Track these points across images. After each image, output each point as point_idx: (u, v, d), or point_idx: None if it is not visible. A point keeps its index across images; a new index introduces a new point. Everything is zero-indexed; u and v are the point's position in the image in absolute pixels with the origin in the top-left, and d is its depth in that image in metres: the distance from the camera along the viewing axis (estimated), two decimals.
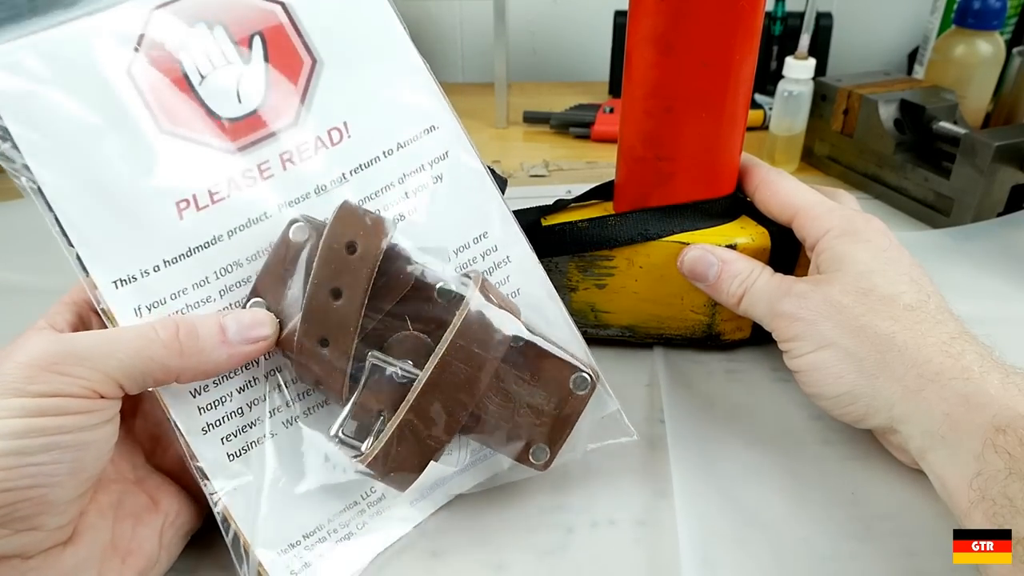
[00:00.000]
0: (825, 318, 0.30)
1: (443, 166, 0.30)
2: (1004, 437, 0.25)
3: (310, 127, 0.28)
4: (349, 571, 0.28)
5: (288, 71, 0.28)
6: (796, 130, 0.61)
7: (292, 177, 0.28)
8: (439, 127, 0.30)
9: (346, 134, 0.29)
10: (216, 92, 0.27)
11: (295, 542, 0.27)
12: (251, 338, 0.25)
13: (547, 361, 0.28)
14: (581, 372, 0.29)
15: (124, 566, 0.25)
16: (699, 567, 0.28)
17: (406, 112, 0.30)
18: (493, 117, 0.75)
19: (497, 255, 0.31)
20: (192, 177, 0.26)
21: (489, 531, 0.30)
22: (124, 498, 0.26)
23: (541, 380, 0.28)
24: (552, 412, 0.29)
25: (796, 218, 0.35)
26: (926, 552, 0.29)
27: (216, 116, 0.27)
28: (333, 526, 0.28)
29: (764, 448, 0.34)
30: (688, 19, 0.32)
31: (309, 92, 0.28)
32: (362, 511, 0.29)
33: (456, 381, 0.26)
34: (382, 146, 0.29)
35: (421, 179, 0.30)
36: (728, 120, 0.35)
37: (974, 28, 0.59)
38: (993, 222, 0.51)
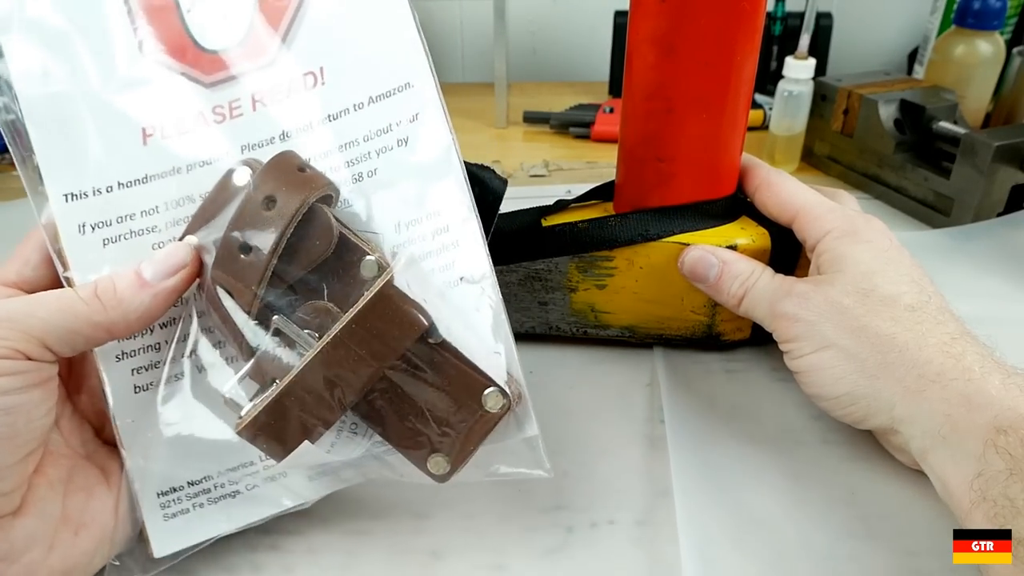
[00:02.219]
0: (826, 319, 0.31)
1: (410, 128, 0.28)
2: (1005, 438, 0.25)
3: (285, 69, 0.27)
4: (221, 529, 0.28)
5: (275, 8, 0.27)
6: (796, 130, 0.61)
7: (260, 119, 0.27)
8: (414, 85, 0.28)
9: (320, 80, 0.27)
10: (202, 22, 0.27)
11: (178, 487, 0.27)
12: (169, 270, 0.25)
13: (460, 370, 0.26)
14: (497, 388, 0.26)
15: (77, 538, 0.25)
16: (699, 567, 0.28)
17: (384, 64, 0.28)
18: (493, 117, 0.75)
19: (447, 236, 0.28)
20: (162, 105, 0.26)
21: (489, 531, 0.30)
22: (75, 472, 0.26)
23: (451, 388, 0.26)
24: (459, 425, 0.26)
25: (796, 219, 0.35)
26: (926, 552, 0.29)
27: (198, 46, 0.27)
28: (221, 480, 0.28)
29: (764, 448, 0.34)
30: (689, 20, 0.32)
31: (291, 32, 0.27)
32: (255, 472, 0.28)
33: (346, 365, 0.25)
34: (354, 98, 0.28)
35: (386, 140, 0.28)
36: (729, 121, 0.35)
37: (974, 28, 0.59)
38: (993, 222, 0.51)
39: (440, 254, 0.28)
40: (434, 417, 0.26)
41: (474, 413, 0.26)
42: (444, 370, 0.26)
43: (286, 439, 0.25)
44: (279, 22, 0.27)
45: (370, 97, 0.28)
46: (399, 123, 0.28)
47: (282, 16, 0.27)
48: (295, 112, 0.27)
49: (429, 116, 0.28)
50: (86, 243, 0.26)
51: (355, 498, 0.31)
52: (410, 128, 0.28)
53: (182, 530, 0.27)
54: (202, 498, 0.28)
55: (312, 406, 0.25)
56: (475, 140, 0.72)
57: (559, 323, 0.40)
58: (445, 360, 0.26)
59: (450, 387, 0.26)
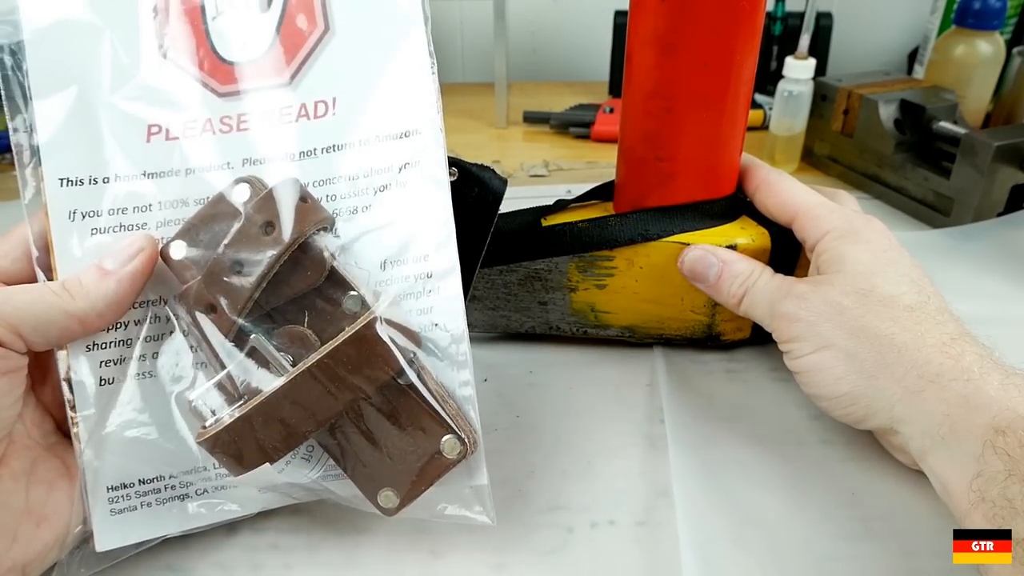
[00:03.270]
0: (825, 319, 0.31)
1: (409, 173, 0.28)
2: (1004, 438, 0.25)
3: (300, 93, 0.28)
4: (165, 530, 0.28)
5: (299, 31, 0.28)
6: (796, 130, 0.61)
7: (266, 136, 0.27)
8: (420, 132, 0.28)
9: (331, 110, 0.28)
10: (225, 32, 0.27)
11: (129, 483, 0.27)
12: (128, 255, 0.26)
13: (423, 413, 0.27)
14: (456, 436, 0.27)
15: (39, 530, 0.25)
16: (699, 567, 0.28)
17: (395, 106, 0.28)
18: (493, 117, 0.75)
19: (429, 283, 0.28)
20: (172, 106, 0.27)
21: (489, 531, 0.30)
22: (37, 464, 0.27)
23: (412, 429, 0.27)
24: (414, 464, 0.27)
25: (796, 219, 0.35)
26: (926, 552, 0.29)
27: (217, 55, 0.27)
28: (173, 482, 0.28)
29: (764, 448, 0.34)
30: (689, 20, 0.32)
31: (311, 58, 0.28)
32: (207, 479, 0.28)
33: (315, 396, 0.25)
34: (361, 134, 0.28)
35: (385, 179, 0.28)
36: (729, 120, 0.35)
37: (974, 28, 0.59)
38: (993, 222, 0.51)
39: (419, 298, 0.28)
40: (390, 453, 0.27)
41: (430, 456, 0.27)
42: (408, 410, 0.27)
43: (244, 458, 0.25)
44: (300, 47, 0.28)
45: (377, 136, 0.28)
46: (403, 166, 0.28)
47: (304, 42, 0.28)
48: (301, 136, 0.28)
49: (429, 163, 0.28)
50: (74, 230, 0.27)
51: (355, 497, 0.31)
52: (409, 173, 0.28)
53: (127, 527, 0.27)
54: (151, 497, 0.28)
55: (275, 431, 0.25)
56: (475, 140, 0.72)
57: (559, 323, 0.40)
58: (410, 401, 0.27)
59: (411, 427, 0.27)
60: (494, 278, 0.39)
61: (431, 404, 0.27)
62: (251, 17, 0.27)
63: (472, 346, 0.40)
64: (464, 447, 0.27)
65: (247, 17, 0.27)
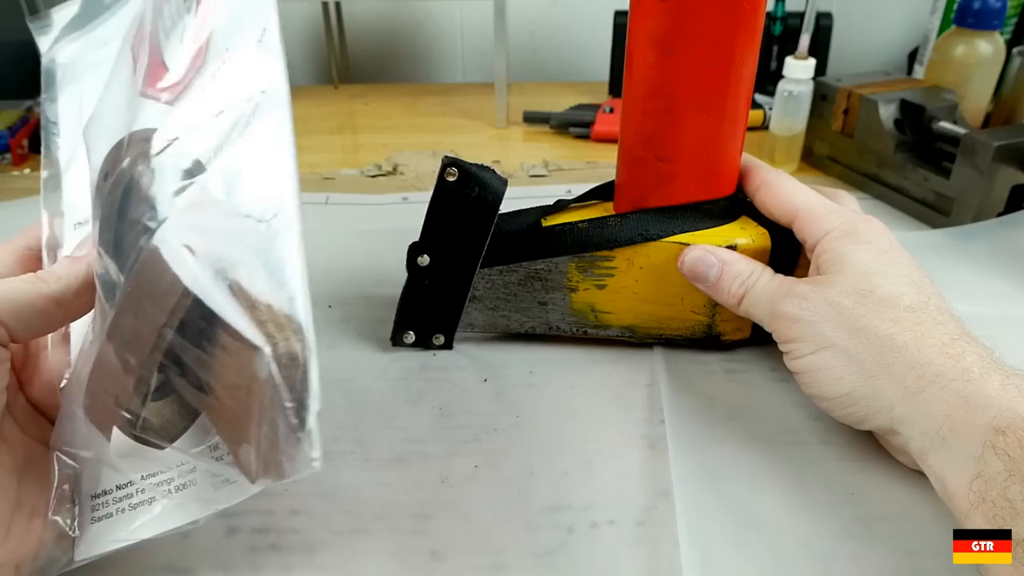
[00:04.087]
0: (825, 319, 0.31)
1: (258, 101, 0.25)
2: (1004, 439, 0.25)
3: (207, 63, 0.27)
4: (139, 535, 0.27)
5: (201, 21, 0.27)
6: (796, 130, 0.61)
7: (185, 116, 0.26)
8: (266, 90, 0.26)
9: (220, 67, 0.26)
10: (171, 48, 0.27)
11: (108, 490, 0.27)
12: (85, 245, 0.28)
13: (227, 332, 0.21)
14: (262, 349, 0.21)
15: (31, 523, 0.26)
16: (699, 567, 0.28)
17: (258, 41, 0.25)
18: (493, 117, 0.75)
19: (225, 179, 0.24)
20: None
21: (489, 531, 0.30)
22: (30, 461, 0.27)
23: (226, 356, 0.22)
24: (248, 403, 0.22)
25: (797, 219, 0.35)
26: (926, 552, 0.29)
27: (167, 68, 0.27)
28: (142, 486, 0.28)
29: (764, 448, 0.34)
30: (689, 20, 0.32)
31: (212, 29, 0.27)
32: (170, 479, 0.28)
33: (126, 338, 0.23)
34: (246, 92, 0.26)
35: (240, 113, 0.25)
36: (729, 121, 0.35)
37: (974, 28, 0.59)
38: (993, 222, 0.51)
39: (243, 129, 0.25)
40: (218, 392, 0.23)
41: (251, 385, 0.21)
42: (215, 332, 0.22)
43: (104, 423, 0.25)
44: (205, 23, 0.27)
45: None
46: (249, 97, 0.25)
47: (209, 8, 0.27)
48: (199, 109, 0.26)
49: (273, 96, 0.25)
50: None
51: (355, 498, 0.32)
52: (257, 100, 0.25)
53: (103, 534, 0.27)
54: (124, 503, 0.28)
55: (116, 389, 0.24)
56: (475, 140, 0.72)
57: (559, 323, 0.40)
58: (211, 318, 0.22)
59: (225, 353, 0.22)
60: (494, 278, 0.39)
61: (229, 319, 0.21)
62: (184, 24, 0.27)
63: (472, 346, 0.41)
64: (272, 358, 0.21)
65: (181, 25, 0.27)
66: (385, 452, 0.34)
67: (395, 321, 0.40)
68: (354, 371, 0.39)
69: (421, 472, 0.33)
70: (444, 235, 0.37)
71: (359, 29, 0.92)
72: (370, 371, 0.39)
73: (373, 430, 0.35)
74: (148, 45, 0.27)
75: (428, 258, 0.37)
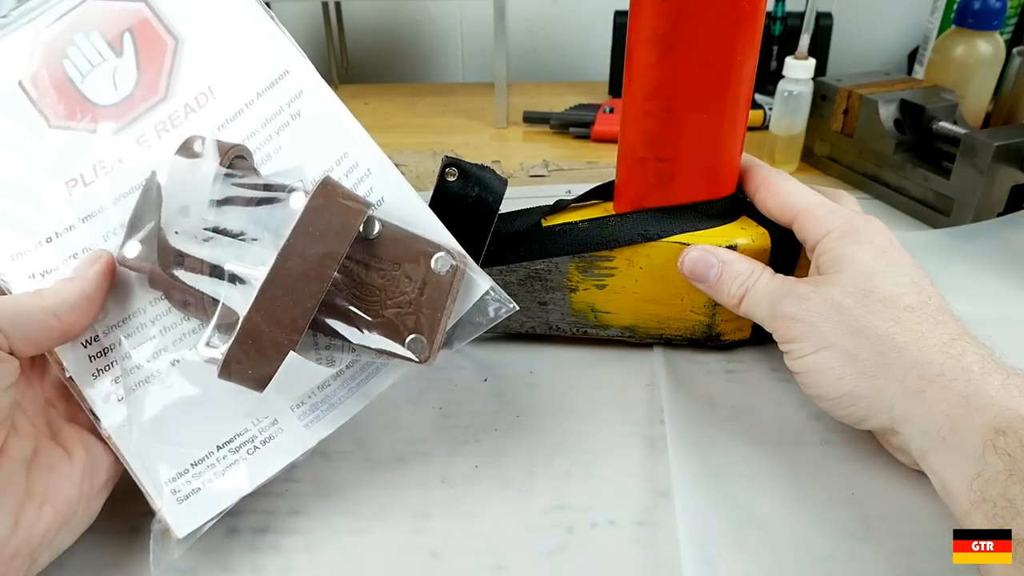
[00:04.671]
0: (826, 319, 0.31)
1: (300, 104, 0.32)
2: (1004, 439, 0.25)
3: (178, 97, 0.32)
4: (235, 496, 0.29)
5: (157, 55, 0.32)
6: (796, 130, 0.61)
7: (168, 142, 0.31)
8: (291, 71, 0.33)
9: (211, 96, 0.32)
10: (96, 85, 0.32)
11: (183, 470, 0.29)
12: (87, 263, 0.29)
13: (403, 245, 0.29)
14: (440, 252, 0.29)
15: (42, 512, 0.26)
16: (699, 567, 0.28)
17: (260, 64, 0.33)
18: (493, 117, 0.75)
19: (359, 171, 0.32)
20: (78, 159, 0.31)
21: (489, 531, 0.30)
22: (39, 452, 0.27)
23: (402, 268, 0.29)
24: (419, 299, 0.29)
25: (797, 219, 0.35)
26: (926, 552, 0.29)
27: (97, 105, 0.31)
28: (222, 453, 0.29)
29: (764, 448, 0.34)
30: (689, 20, 0.32)
31: (175, 68, 0.32)
32: (253, 437, 0.30)
33: (297, 276, 0.27)
34: (244, 99, 0.32)
35: (281, 119, 0.32)
36: (729, 121, 0.35)
37: (974, 28, 0.59)
38: (993, 222, 0.51)
39: (358, 187, 0.32)
40: (395, 300, 0.29)
41: (426, 283, 0.29)
42: (393, 250, 0.29)
43: (262, 366, 0.27)
44: (162, 65, 0.32)
45: (256, 92, 0.33)
46: (289, 102, 0.33)
47: (163, 60, 0.32)
48: (197, 127, 0.32)
49: (311, 89, 0.33)
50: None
51: (355, 498, 0.32)
52: (298, 104, 0.33)
53: (197, 508, 0.29)
54: (208, 474, 0.29)
55: (278, 322, 0.27)
56: (475, 140, 0.72)
57: (559, 323, 0.40)
58: (384, 243, 0.29)
59: (397, 267, 0.29)
60: (494, 278, 0.39)
61: (406, 232, 0.29)
62: (112, 65, 0.32)
63: (472, 346, 0.40)
64: (455, 259, 0.29)
65: (109, 67, 0.32)
66: (385, 452, 0.34)
67: None
68: None
69: (421, 472, 0.33)
70: None
71: (359, 29, 0.92)
72: None
73: (373, 430, 0.35)
74: (52, 87, 0.31)
75: None
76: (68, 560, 0.28)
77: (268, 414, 0.30)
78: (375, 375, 0.31)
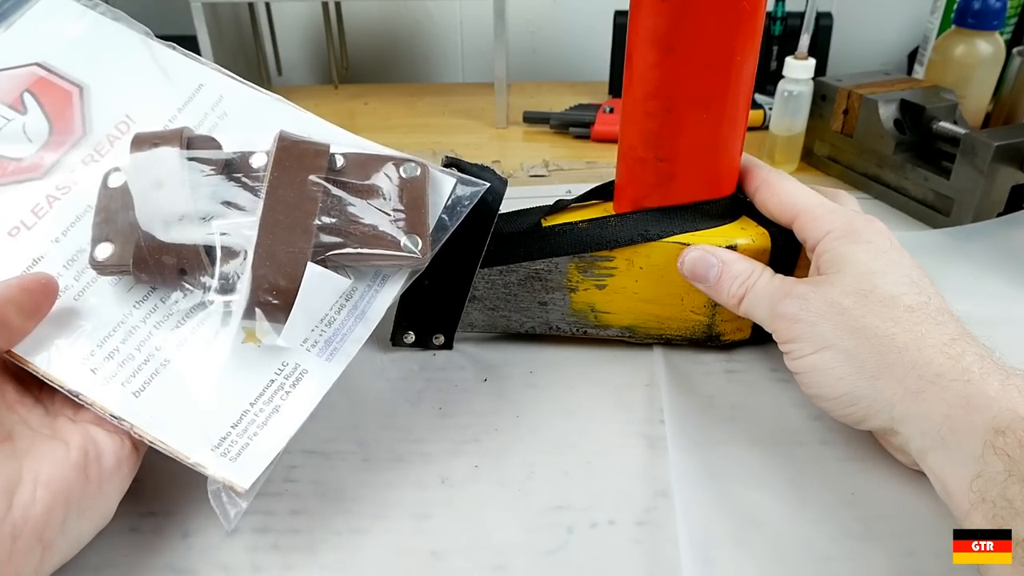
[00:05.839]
0: (825, 319, 0.31)
1: (224, 105, 0.36)
2: (1004, 439, 0.25)
3: (98, 131, 0.34)
4: (283, 439, 0.29)
5: (63, 103, 0.35)
6: (796, 130, 0.61)
7: (97, 170, 0.33)
8: (205, 84, 0.36)
9: (132, 122, 0.35)
10: (8, 144, 0.34)
11: (225, 435, 0.29)
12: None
13: (369, 166, 0.33)
14: (406, 161, 0.33)
15: (36, 494, 0.25)
16: (699, 567, 0.28)
17: (169, 87, 0.36)
18: (493, 117, 0.75)
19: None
20: (13, 210, 0.32)
21: (489, 531, 0.30)
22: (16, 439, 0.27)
23: (376, 187, 0.32)
24: (400, 205, 0.32)
25: (797, 219, 0.35)
26: (926, 552, 0.29)
27: (15, 159, 0.33)
28: (257, 407, 0.30)
29: (764, 448, 0.34)
30: (689, 20, 0.32)
31: (86, 109, 0.35)
32: (281, 385, 0.30)
33: (291, 200, 0.30)
34: (165, 117, 0.35)
35: (210, 121, 0.35)
36: (729, 121, 0.35)
37: (974, 28, 0.59)
38: (993, 222, 0.51)
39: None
40: (381, 212, 0.32)
41: (404, 188, 0.33)
42: (362, 171, 0.33)
43: (287, 280, 0.29)
44: (72, 111, 0.35)
45: (178, 108, 0.35)
46: (212, 107, 0.35)
47: (71, 106, 0.35)
48: (124, 151, 0.32)
49: (230, 91, 0.36)
50: None
51: (355, 498, 0.32)
52: (223, 106, 0.36)
53: (251, 460, 0.29)
54: (252, 429, 0.29)
55: (288, 238, 0.30)
56: (475, 140, 0.72)
57: (559, 323, 0.40)
58: (357, 163, 0.33)
59: (375, 181, 0.33)
60: (494, 278, 0.39)
61: (365, 155, 0.33)
62: (19, 123, 0.34)
63: (472, 346, 0.41)
64: (417, 163, 0.33)
65: (16, 126, 0.34)
66: (385, 452, 0.34)
67: (395, 321, 0.40)
68: (354, 371, 0.39)
69: (421, 472, 0.33)
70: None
71: (359, 29, 0.92)
72: (370, 371, 0.39)
73: (373, 430, 0.35)
74: None
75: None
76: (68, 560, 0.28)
77: (287, 361, 0.31)
78: (375, 298, 0.32)
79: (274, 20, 0.83)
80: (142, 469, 0.30)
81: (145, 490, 0.31)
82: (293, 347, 0.30)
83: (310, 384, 0.31)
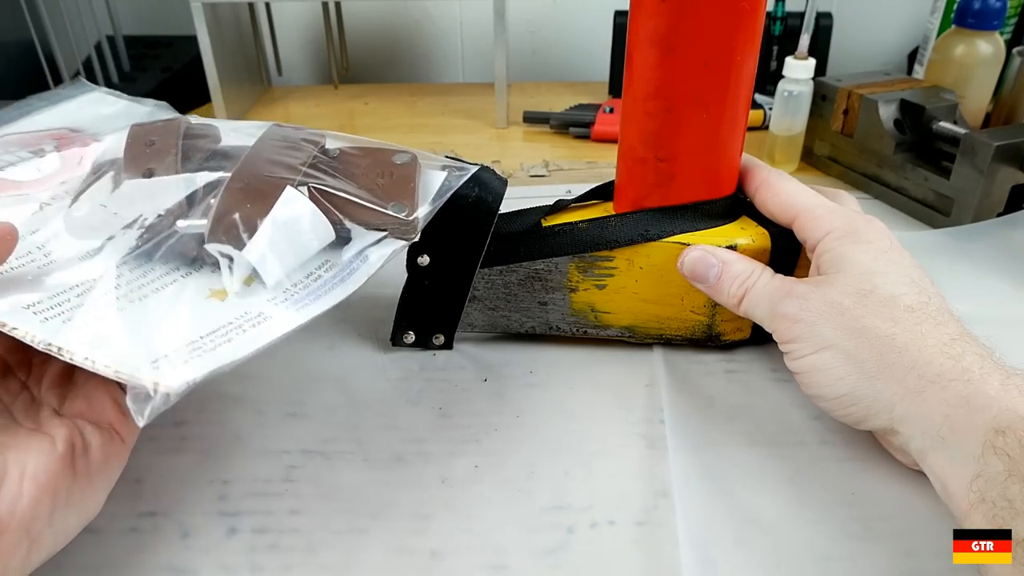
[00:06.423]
0: (825, 319, 0.31)
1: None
2: (1004, 439, 0.25)
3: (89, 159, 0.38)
4: (226, 360, 0.27)
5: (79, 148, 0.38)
6: (796, 130, 0.61)
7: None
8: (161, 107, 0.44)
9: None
10: (18, 172, 0.37)
11: (165, 355, 0.27)
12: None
13: (364, 153, 0.36)
14: (399, 152, 0.35)
15: (22, 486, 0.25)
16: (699, 567, 0.28)
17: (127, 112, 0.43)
18: (493, 117, 0.75)
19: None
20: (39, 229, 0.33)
21: (489, 531, 0.30)
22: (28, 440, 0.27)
23: (367, 168, 0.35)
24: (390, 182, 0.34)
25: (797, 219, 0.35)
26: (926, 552, 0.29)
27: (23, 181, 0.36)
28: (210, 338, 0.28)
29: (764, 448, 0.34)
30: (689, 20, 0.32)
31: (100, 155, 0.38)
32: (239, 326, 0.28)
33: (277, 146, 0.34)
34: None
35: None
36: (729, 121, 0.35)
37: (974, 28, 0.59)
38: (993, 222, 0.51)
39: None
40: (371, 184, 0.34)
41: (392, 171, 0.35)
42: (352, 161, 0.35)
43: (261, 203, 0.30)
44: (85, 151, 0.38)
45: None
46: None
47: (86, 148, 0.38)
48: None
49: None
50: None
51: (354, 498, 0.32)
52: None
53: (186, 370, 0.26)
54: (197, 353, 0.27)
55: (271, 167, 0.32)
56: (475, 140, 0.72)
57: (559, 323, 0.40)
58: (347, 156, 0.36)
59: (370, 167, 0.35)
60: (494, 278, 0.39)
61: (362, 148, 0.36)
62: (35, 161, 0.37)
63: (472, 346, 0.41)
64: (409, 152, 0.36)
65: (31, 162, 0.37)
66: (385, 452, 0.34)
67: (395, 321, 0.40)
68: (354, 371, 0.39)
69: (421, 472, 0.33)
70: (444, 235, 0.37)
71: (359, 29, 0.92)
72: (370, 371, 0.39)
73: (373, 430, 0.35)
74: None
75: (428, 258, 0.37)
76: (66, 560, 0.28)
77: (250, 310, 0.29)
78: (363, 263, 0.32)
79: (274, 20, 0.83)
80: (142, 469, 0.30)
81: (145, 490, 0.31)
82: (269, 284, 0.29)
83: (269, 325, 0.28)
